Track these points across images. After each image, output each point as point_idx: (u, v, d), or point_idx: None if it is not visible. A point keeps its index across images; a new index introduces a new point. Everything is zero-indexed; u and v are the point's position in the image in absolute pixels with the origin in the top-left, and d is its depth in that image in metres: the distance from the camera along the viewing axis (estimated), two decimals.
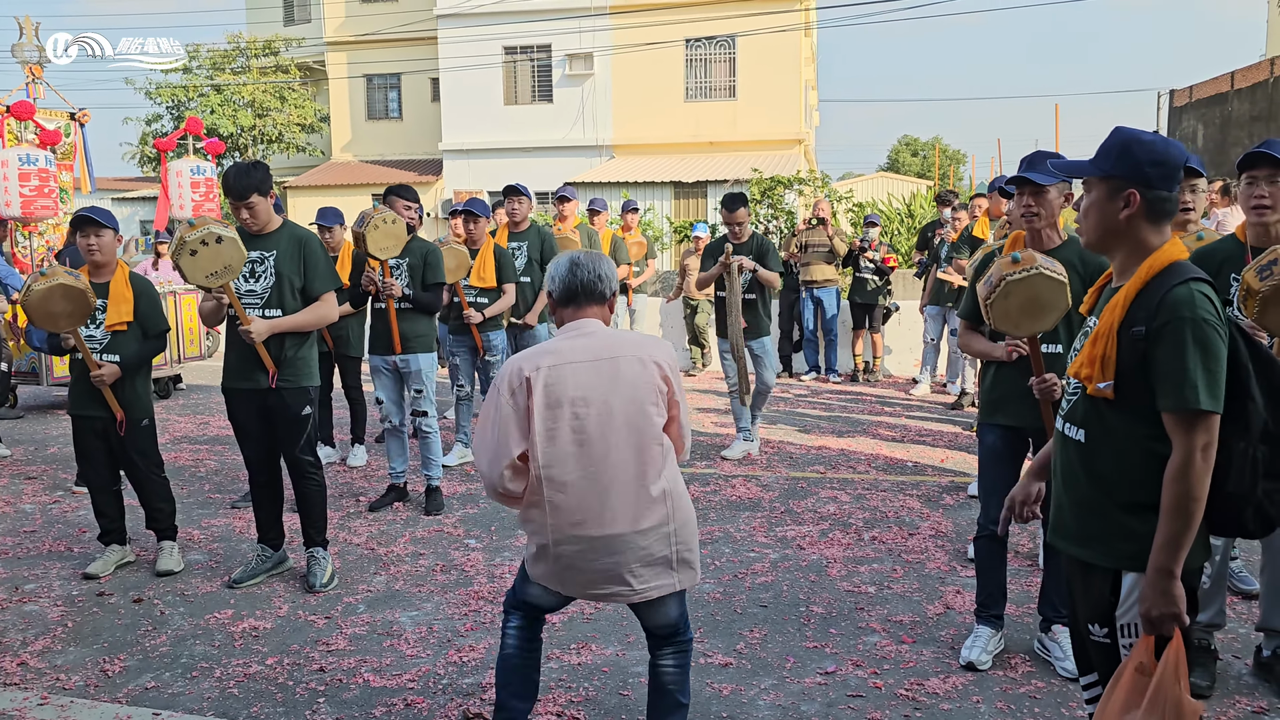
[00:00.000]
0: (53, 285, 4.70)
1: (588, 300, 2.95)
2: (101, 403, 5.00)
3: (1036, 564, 4.90)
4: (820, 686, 3.75)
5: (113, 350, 4.99)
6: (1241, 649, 3.99)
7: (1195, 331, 2.22)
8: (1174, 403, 2.23)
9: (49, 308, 4.72)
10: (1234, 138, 26.27)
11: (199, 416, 9.46)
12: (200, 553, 5.42)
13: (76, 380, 5.04)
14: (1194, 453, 2.21)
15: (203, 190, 11.28)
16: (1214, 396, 2.22)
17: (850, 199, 16.34)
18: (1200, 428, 2.22)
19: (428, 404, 6.13)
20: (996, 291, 3.52)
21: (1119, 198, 2.36)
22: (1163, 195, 2.35)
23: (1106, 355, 2.35)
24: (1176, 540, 2.24)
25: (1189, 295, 2.25)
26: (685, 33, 25.07)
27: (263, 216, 4.75)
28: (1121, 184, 2.36)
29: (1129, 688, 2.26)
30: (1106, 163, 2.39)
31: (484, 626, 4.35)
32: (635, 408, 2.83)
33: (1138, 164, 2.34)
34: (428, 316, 6.16)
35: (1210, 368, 2.22)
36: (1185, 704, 2.22)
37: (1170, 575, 2.25)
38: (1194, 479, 2.22)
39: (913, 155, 58.59)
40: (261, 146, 29.91)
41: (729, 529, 5.66)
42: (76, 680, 3.90)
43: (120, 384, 4.99)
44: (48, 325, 4.78)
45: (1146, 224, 2.36)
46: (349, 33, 29.77)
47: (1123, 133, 2.40)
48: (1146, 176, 2.33)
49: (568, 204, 8.97)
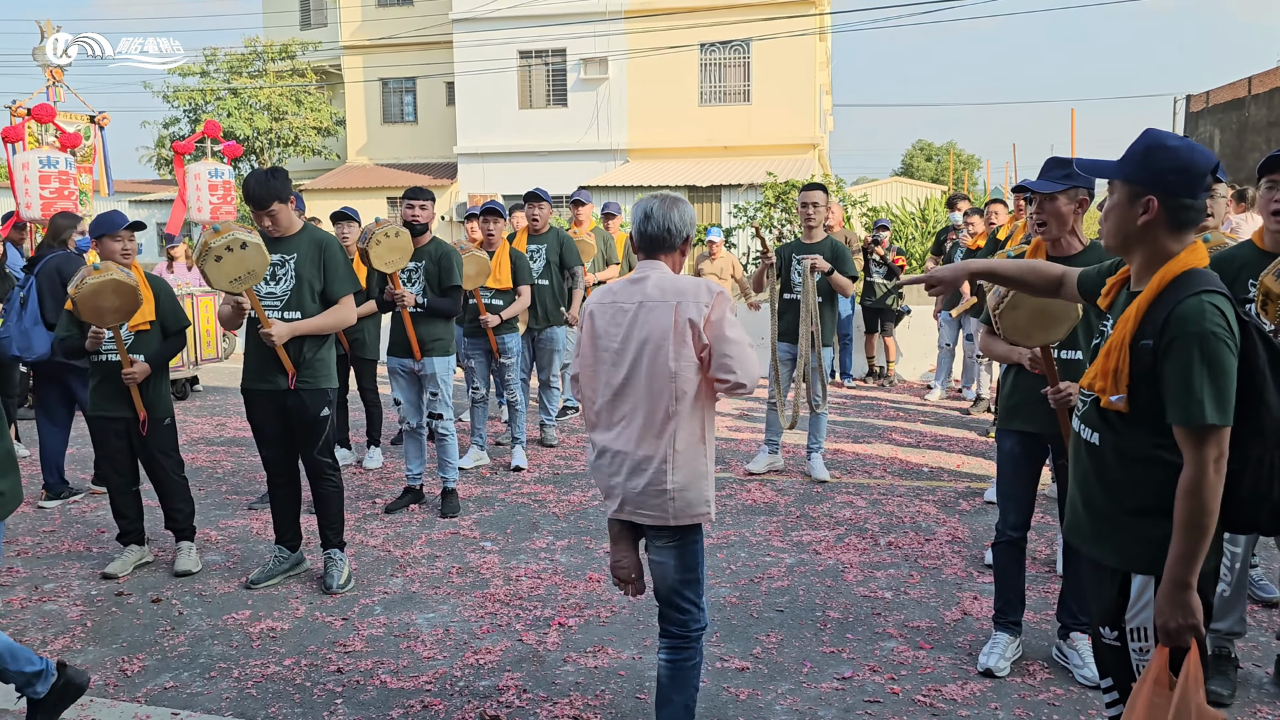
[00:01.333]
0: (105, 280, 4.76)
1: (655, 249, 3.20)
2: (125, 403, 5.05)
3: (1054, 570, 4.88)
4: (837, 691, 3.74)
5: (137, 349, 5.07)
6: (1262, 657, 3.96)
7: (1203, 346, 2.21)
8: (1182, 418, 2.23)
9: (99, 302, 4.79)
10: (1251, 143, 26.14)
11: (216, 418, 9.50)
12: (218, 553, 5.45)
13: (101, 382, 5.09)
14: (1206, 466, 2.21)
15: (220, 193, 11.32)
16: (1221, 410, 2.21)
17: (865, 203, 16.31)
18: (1210, 441, 2.22)
19: (444, 407, 6.15)
20: (1005, 302, 3.50)
21: (1138, 203, 2.34)
22: (1184, 203, 2.31)
23: (1119, 369, 2.34)
24: (1192, 553, 2.23)
25: (1198, 308, 2.24)
26: (700, 37, 25.10)
27: (284, 222, 4.79)
28: (1141, 189, 2.33)
29: (1149, 702, 2.26)
30: (1129, 166, 2.37)
31: (500, 629, 4.36)
32: (652, 347, 3.04)
33: (1159, 170, 2.31)
34: (445, 320, 6.17)
35: (1218, 383, 2.21)
36: (1205, 712, 2.22)
37: (1186, 587, 2.25)
38: (1207, 493, 2.21)
39: (927, 160, 58.47)
40: (277, 150, 30.08)
41: (744, 533, 5.65)
42: (96, 679, 3.92)
43: (144, 383, 5.07)
44: (94, 319, 4.84)
45: (1166, 231, 2.34)
46: (365, 36, 29.93)
47: (1149, 136, 2.37)
48: (1167, 184, 2.31)
49: (583, 208, 9.00)
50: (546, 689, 3.78)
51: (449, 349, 6.17)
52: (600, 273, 8.94)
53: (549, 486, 6.74)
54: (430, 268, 6.07)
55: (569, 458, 7.58)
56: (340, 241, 6.23)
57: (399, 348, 6.11)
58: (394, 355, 6.16)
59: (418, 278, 6.08)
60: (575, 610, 4.55)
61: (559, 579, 4.96)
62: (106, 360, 5.05)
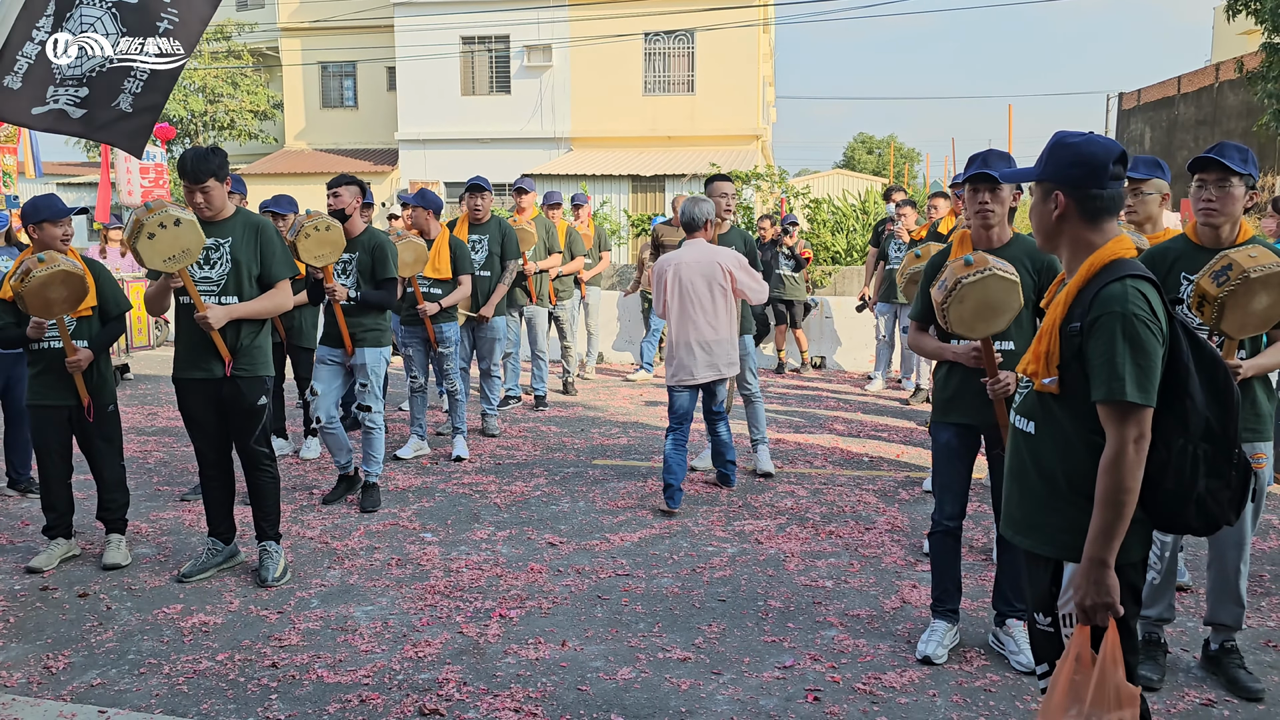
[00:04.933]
0: (54, 271, 4.63)
1: (695, 229, 5.94)
2: (68, 390, 4.94)
3: (990, 559, 4.96)
4: (779, 681, 3.76)
5: (79, 336, 4.96)
6: (1190, 643, 4.07)
7: (1125, 326, 2.29)
8: (1104, 394, 2.30)
9: (47, 294, 4.66)
10: (1180, 140, 26.84)
11: (147, 407, 9.27)
12: (149, 546, 5.31)
13: (42, 371, 4.95)
14: (1126, 444, 2.27)
15: (152, 176, 11.04)
16: (1143, 390, 2.27)
17: (807, 195, 16.42)
18: (1131, 420, 2.28)
19: (373, 399, 6.01)
20: (952, 295, 3.55)
21: (1050, 200, 2.46)
22: (1091, 194, 2.41)
23: (1050, 352, 2.43)
24: (1109, 530, 2.29)
25: (1122, 291, 2.32)
26: (644, 26, 25.05)
27: (217, 202, 4.66)
28: (1050, 186, 2.46)
29: (1069, 680, 2.32)
30: (1039, 166, 2.51)
31: (440, 621, 4.31)
32: (707, 282, 5.84)
33: (1061, 165, 2.44)
34: (378, 311, 6.04)
35: (1140, 362, 2.28)
36: (1123, 688, 2.28)
37: (1104, 565, 2.31)
38: (1125, 470, 2.27)
39: (868, 153, 59.10)
40: (213, 133, 29.40)
41: (687, 523, 5.66)
42: (18, 677, 3.80)
43: (88, 370, 4.96)
44: (41, 312, 4.72)
45: (1081, 222, 2.44)
46: (303, 19, 29.33)
47: (1054, 137, 2.50)
48: (1070, 177, 2.42)
49: (526, 196, 8.92)
50: (487, 681, 3.75)
51: (381, 340, 6.04)
52: (542, 261, 8.88)
53: (490, 477, 6.68)
54: (364, 258, 5.95)
55: (510, 448, 7.52)
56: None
57: (331, 338, 6.00)
58: (325, 345, 6.05)
59: (351, 269, 5.95)
60: (516, 602, 4.51)
61: (500, 570, 4.92)
62: (49, 348, 4.92)
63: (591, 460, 7.21)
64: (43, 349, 4.93)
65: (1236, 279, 3.42)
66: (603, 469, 6.96)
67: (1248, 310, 3.46)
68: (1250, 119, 21.68)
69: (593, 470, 6.92)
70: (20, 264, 4.73)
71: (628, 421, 8.61)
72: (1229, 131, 24.04)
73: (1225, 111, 25.31)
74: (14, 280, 4.68)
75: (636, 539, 5.38)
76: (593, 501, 6.14)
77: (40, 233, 4.95)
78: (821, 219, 15.83)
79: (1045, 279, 3.85)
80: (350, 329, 5.91)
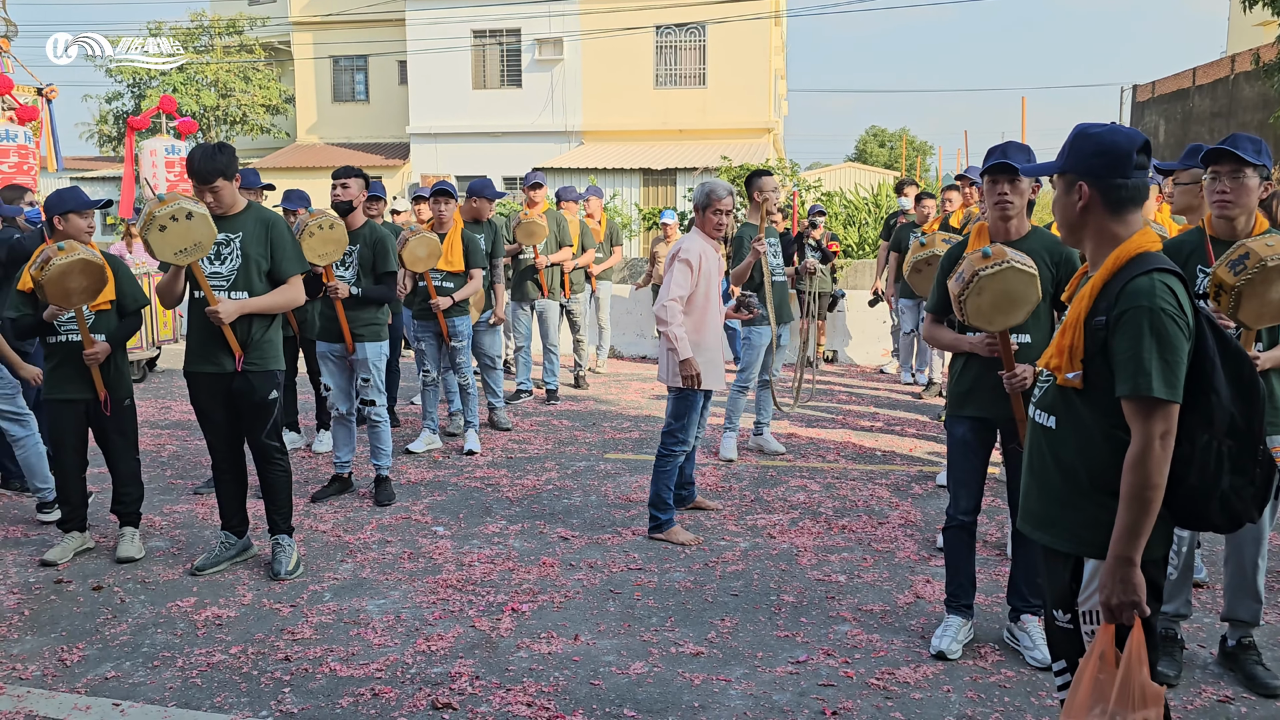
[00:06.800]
0: (73, 260, 4.64)
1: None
2: (86, 384, 4.96)
3: (1005, 554, 4.93)
4: (792, 675, 3.75)
5: (97, 329, 4.98)
6: (1207, 638, 4.03)
7: (1152, 320, 2.25)
8: (1129, 389, 2.27)
9: (66, 284, 4.67)
10: (1194, 133, 26.65)
11: (160, 401, 9.30)
12: (162, 539, 5.33)
13: (60, 364, 4.97)
14: (1152, 440, 2.24)
15: (178, 170, 11.08)
16: (1169, 385, 2.24)
17: (819, 188, 16.37)
18: (1157, 416, 2.25)
19: (375, 393, 6.01)
20: (970, 288, 3.52)
21: (1073, 191, 2.43)
22: (1115, 183, 2.38)
23: (1074, 345, 2.39)
24: (1135, 528, 2.26)
25: (1149, 285, 2.28)
26: (655, 19, 24.97)
27: (227, 200, 4.66)
28: (1073, 178, 2.43)
29: (1093, 679, 2.29)
30: (1061, 159, 2.47)
31: (452, 615, 4.30)
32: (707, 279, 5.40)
33: (1083, 156, 2.41)
34: (377, 305, 6.04)
35: (1166, 357, 2.24)
36: (1149, 688, 2.25)
37: (1129, 563, 2.28)
38: (1152, 466, 2.24)
39: (880, 146, 58.87)
40: (225, 127, 29.46)
41: (699, 517, 5.64)
42: (34, 670, 3.81)
43: (105, 363, 4.98)
44: (60, 301, 4.73)
45: (1105, 214, 2.40)
46: (315, 13, 29.36)
47: (1076, 129, 2.47)
48: (1093, 167, 2.39)
49: (538, 190, 8.92)
50: (499, 675, 3.74)
51: (380, 334, 6.04)
52: (553, 255, 8.87)
53: (502, 470, 6.68)
54: (364, 252, 5.95)
55: (522, 442, 7.52)
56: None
57: (330, 333, 6.00)
58: (325, 340, 6.05)
59: (351, 262, 5.95)
60: (529, 596, 4.51)
61: (512, 564, 4.91)
62: (66, 341, 4.94)
63: (603, 454, 7.20)
64: (60, 342, 4.95)
65: (1254, 268, 3.38)
66: (614, 463, 6.95)
67: (1265, 299, 3.42)
68: (1266, 111, 21.53)
69: (605, 464, 6.91)
70: (40, 253, 4.74)
71: (639, 415, 8.60)
72: (1244, 124, 23.87)
73: (1241, 104, 25.15)
74: (34, 269, 4.70)
75: (648, 533, 5.36)
76: (605, 495, 6.13)
77: (65, 224, 4.98)
78: (834, 212, 15.77)
79: (1064, 272, 3.82)
80: (350, 324, 5.92)
